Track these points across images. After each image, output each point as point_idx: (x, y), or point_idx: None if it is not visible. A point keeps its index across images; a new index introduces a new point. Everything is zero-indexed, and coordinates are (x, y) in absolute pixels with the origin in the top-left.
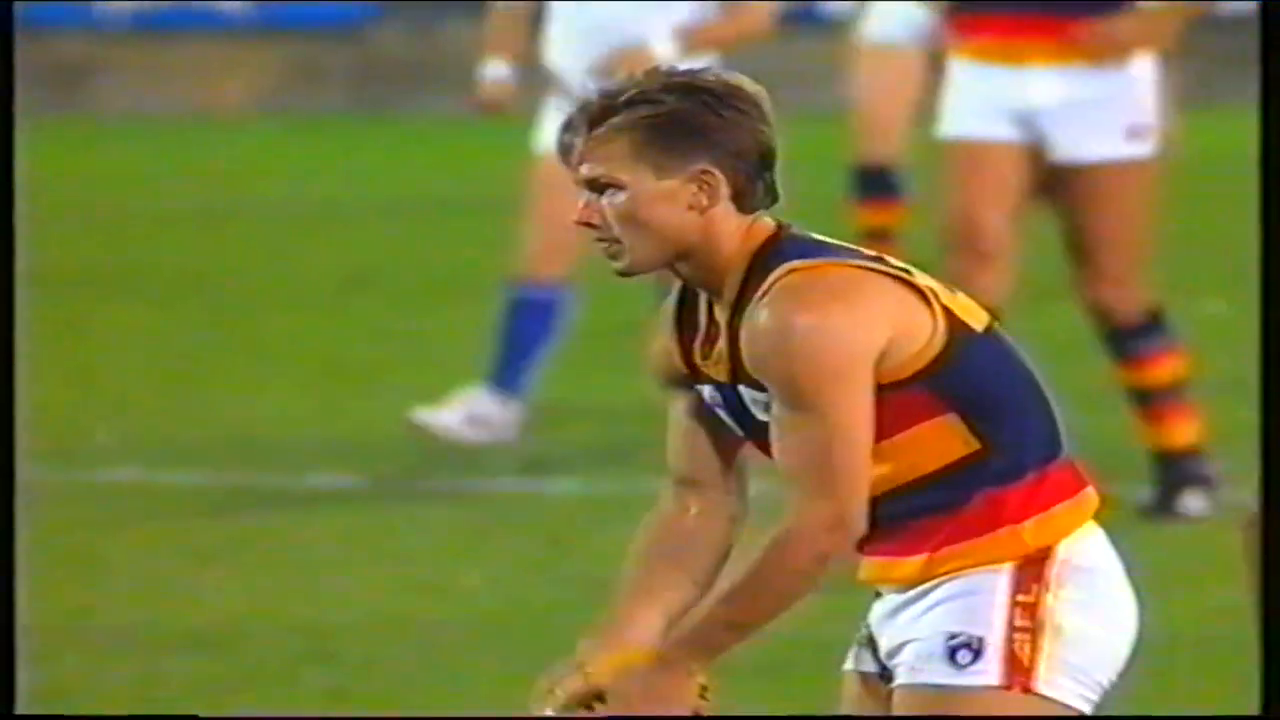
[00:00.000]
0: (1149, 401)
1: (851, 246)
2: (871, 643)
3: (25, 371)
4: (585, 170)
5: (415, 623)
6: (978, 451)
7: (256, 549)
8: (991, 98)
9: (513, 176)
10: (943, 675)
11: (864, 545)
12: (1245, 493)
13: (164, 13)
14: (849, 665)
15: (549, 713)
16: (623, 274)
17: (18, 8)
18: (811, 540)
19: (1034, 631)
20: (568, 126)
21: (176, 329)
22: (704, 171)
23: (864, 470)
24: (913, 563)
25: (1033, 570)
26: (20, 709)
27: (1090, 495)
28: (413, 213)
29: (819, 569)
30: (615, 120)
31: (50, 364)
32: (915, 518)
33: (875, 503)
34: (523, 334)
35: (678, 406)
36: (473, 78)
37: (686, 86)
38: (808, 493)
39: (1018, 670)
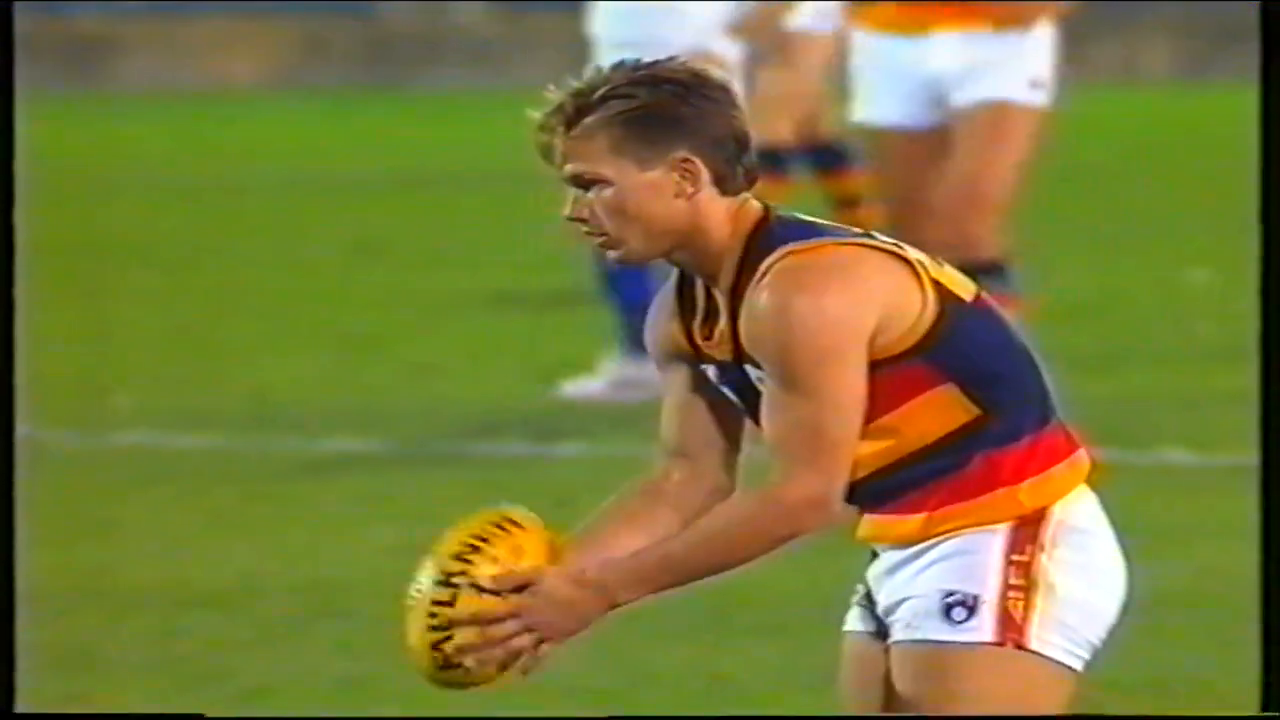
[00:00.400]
0: None
1: (839, 225)
2: (869, 601)
3: (43, 337)
4: (569, 169)
5: None
6: (978, 418)
7: (269, 510)
8: (896, 72)
9: (518, 150)
10: (938, 632)
11: (864, 506)
12: (1236, 454)
13: None
14: (848, 626)
15: (484, 582)
16: (621, 264)
17: None
18: (791, 512)
19: (1027, 590)
20: (544, 127)
21: (190, 297)
22: (684, 160)
23: (851, 449)
24: (912, 522)
25: (1028, 531)
26: (42, 665)
27: (1083, 458)
28: (420, 184)
29: (788, 539)
30: (591, 118)
31: (68, 330)
32: (918, 482)
33: (881, 473)
34: (628, 297)
35: (674, 381)
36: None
37: (654, 79)
38: (796, 467)
39: (1010, 627)
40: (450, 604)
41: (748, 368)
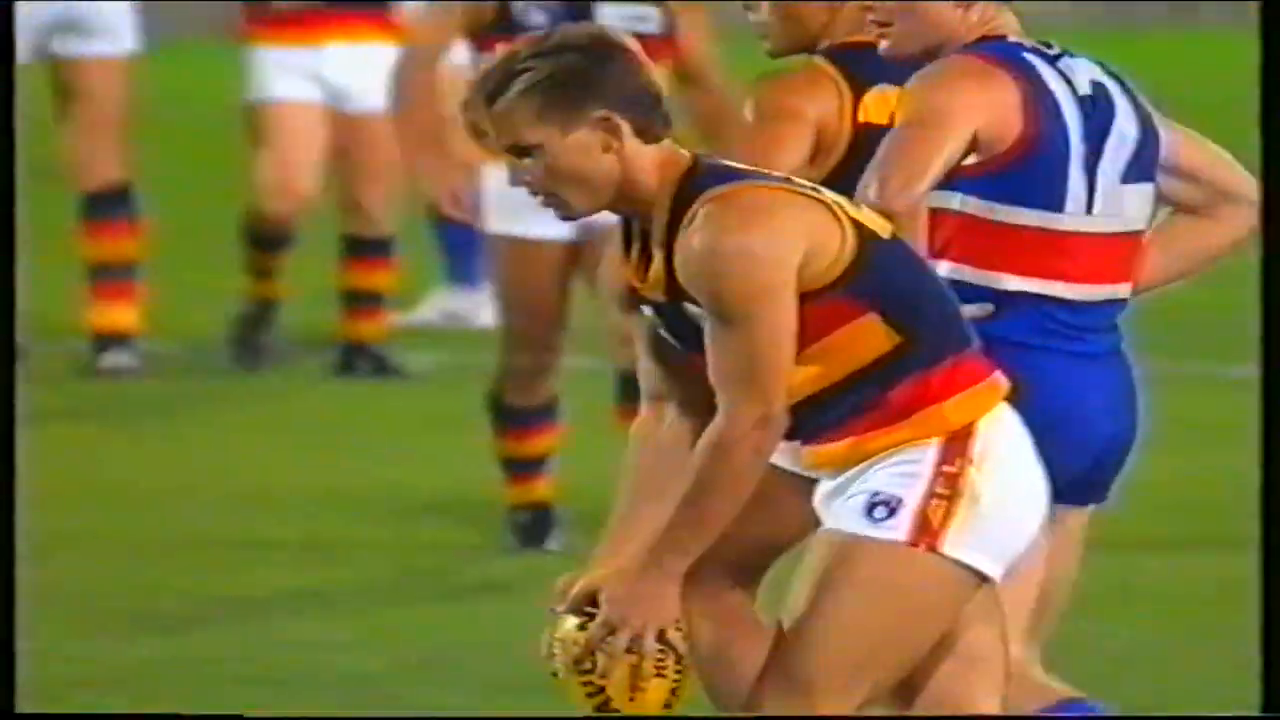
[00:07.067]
0: None
1: (760, 170)
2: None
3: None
4: (501, 142)
5: None
6: (900, 345)
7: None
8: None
9: None
10: (856, 525)
11: (800, 436)
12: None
13: None
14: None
15: (560, 609)
16: (568, 219)
17: None
18: (743, 439)
19: (950, 499)
20: (467, 108)
21: None
22: (604, 117)
23: (786, 372)
24: (841, 446)
25: (958, 445)
26: (288, 561)
27: (1000, 379)
28: None
29: (756, 463)
30: (508, 93)
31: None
32: (846, 411)
33: (811, 400)
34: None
35: (641, 325)
36: None
37: (559, 48)
38: (738, 396)
39: (926, 531)
40: (561, 652)
41: (685, 304)
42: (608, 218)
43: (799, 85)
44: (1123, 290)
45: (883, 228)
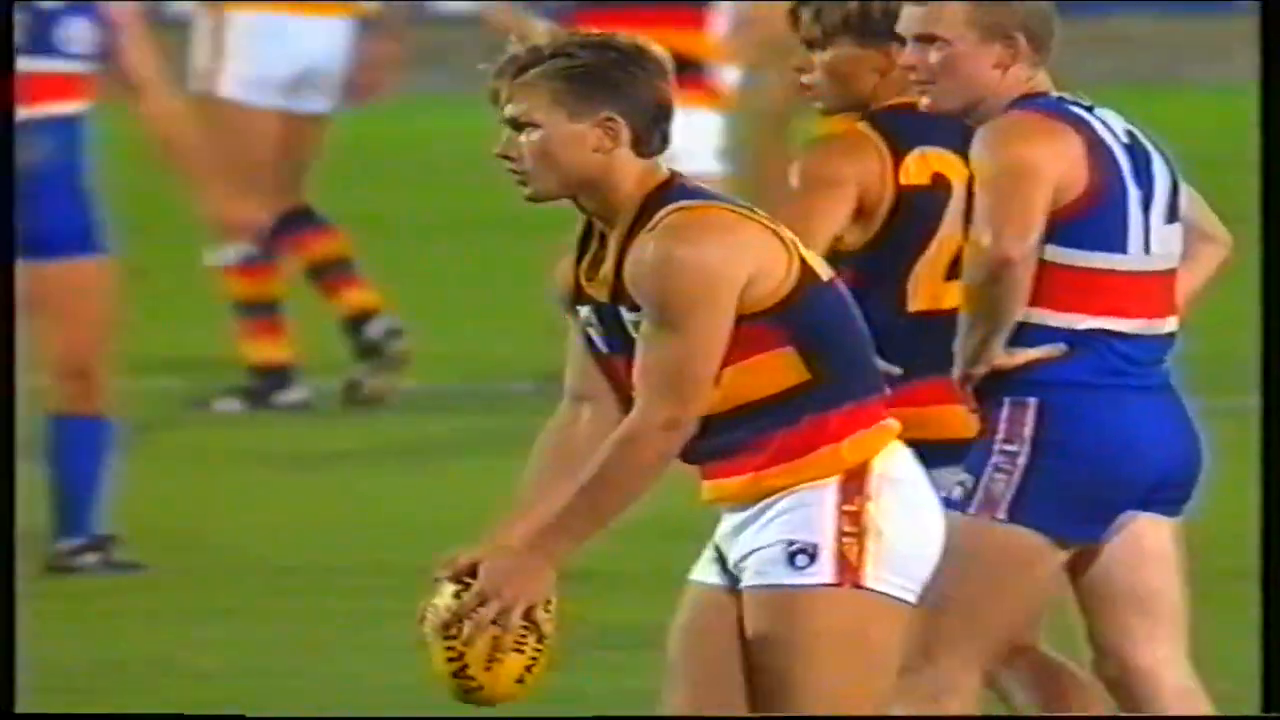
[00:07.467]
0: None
1: (730, 197)
2: (720, 558)
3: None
4: (509, 110)
5: None
6: (807, 382)
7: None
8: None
9: None
10: (784, 577)
11: (700, 465)
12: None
13: None
14: (696, 577)
15: (441, 576)
16: (529, 200)
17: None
18: (650, 438)
19: (859, 536)
20: (497, 74)
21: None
22: (609, 119)
23: (707, 385)
24: (740, 481)
25: (854, 484)
26: None
27: (892, 423)
28: None
29: (659, 464)
30: (537, 70)
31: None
32: (746, 440)
33: (712, 425)
34: None
35: (576, 325)
36: None
37: (600, 45)
38: (655, 396)
39: (847, 569)
40: (432, 616)
41: (622, 309)
42: None
43: (842, 151)
44: (1173, 324)
45: (825, 272)
